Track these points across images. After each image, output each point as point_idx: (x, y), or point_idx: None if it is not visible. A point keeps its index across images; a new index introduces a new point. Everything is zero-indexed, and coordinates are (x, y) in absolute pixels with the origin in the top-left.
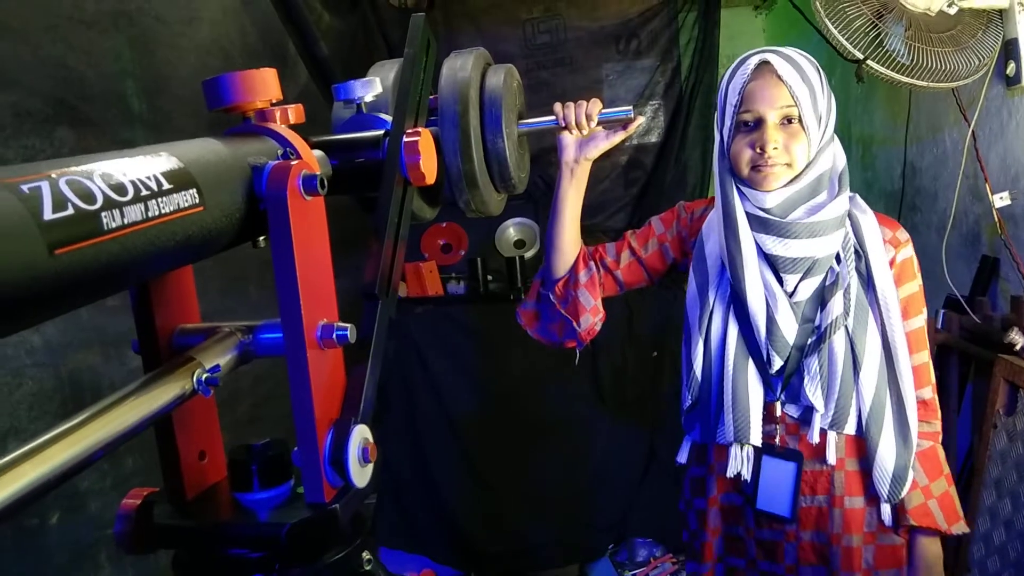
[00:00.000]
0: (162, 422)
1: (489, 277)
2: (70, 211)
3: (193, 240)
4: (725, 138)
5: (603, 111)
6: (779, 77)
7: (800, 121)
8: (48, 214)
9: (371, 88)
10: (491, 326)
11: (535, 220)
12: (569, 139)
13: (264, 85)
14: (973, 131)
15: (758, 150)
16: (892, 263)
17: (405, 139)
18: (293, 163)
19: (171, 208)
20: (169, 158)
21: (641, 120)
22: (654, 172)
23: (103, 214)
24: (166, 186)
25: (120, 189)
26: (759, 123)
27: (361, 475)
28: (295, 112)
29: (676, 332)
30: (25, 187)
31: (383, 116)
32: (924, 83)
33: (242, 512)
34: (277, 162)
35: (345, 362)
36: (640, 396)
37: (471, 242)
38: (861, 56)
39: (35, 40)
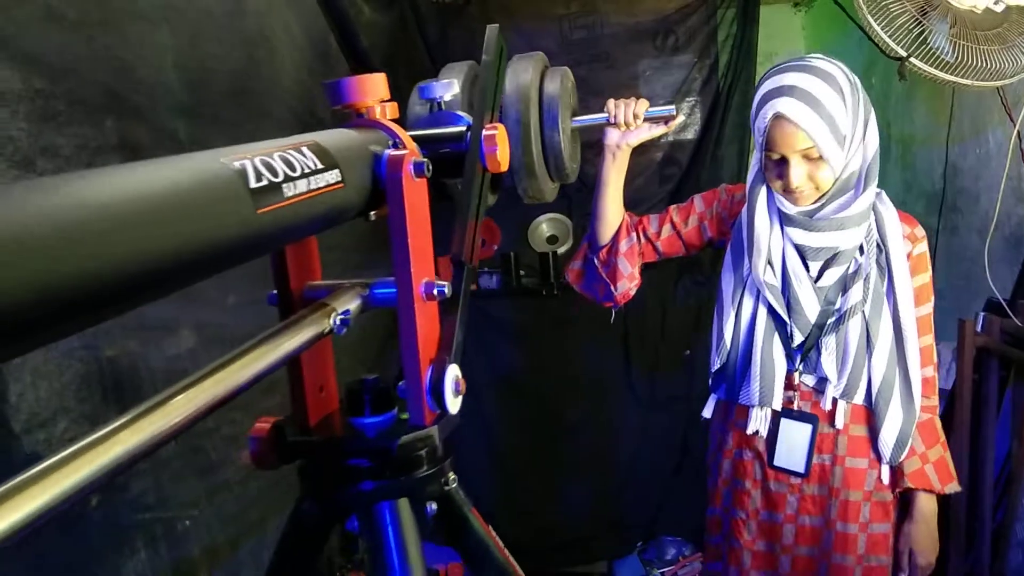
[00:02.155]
0: (293, 360)
1: (522, 272)
2: (265, 182)
3: (334, 211)
4: (759, 159)
5: (649, 109)
6: (794, 124)
7: (821, 153)
8: (252, 183)
9: (451, 89)
10: (524, 321)
11: (568, 216)
12: (615, 131)
13: (374, 87)
14: (1018, 131)
15: (785, 180)
16: (909, 256)
17: (484, 132)
18: (404, 152)
19: (323, 183)
20: (319, 144)
21: (681, 118)
22: (689, 169)
23: (284, 185)
24: (319, 166)
25: (291, 167)
26: (784, 160)
27: (454, 404)
28: (392, 109)
29: (709, 331)
30: (236, 164)
31: (460, 113)
32: (969, 81)
33: (357, 432)
34: (393, 151)
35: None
36: (673, 395)
37: (504, 237)
38: (904, 54)
39: (89, 32)
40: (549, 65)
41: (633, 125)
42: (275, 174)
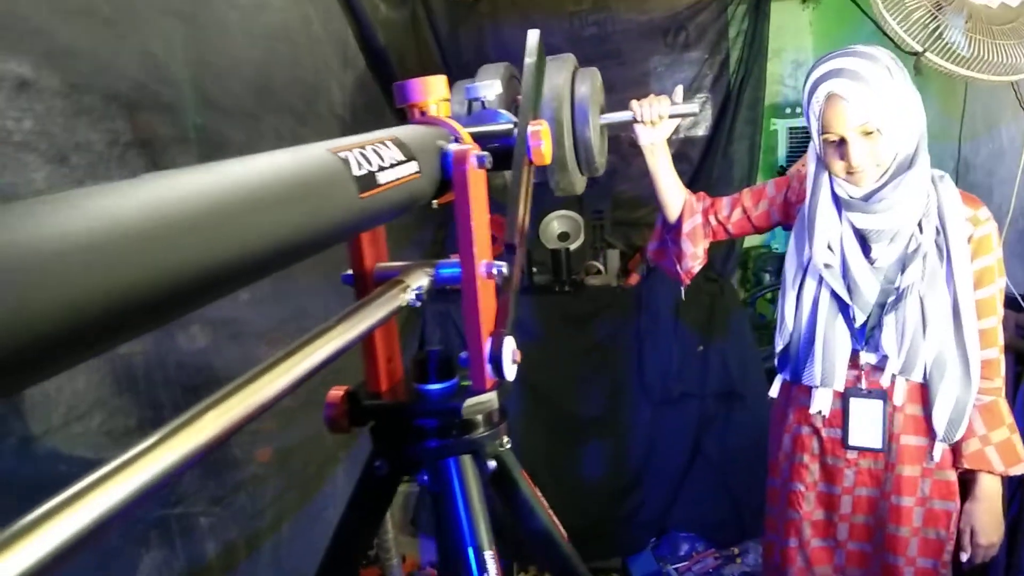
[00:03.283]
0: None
1: (535, 269)
2: (364, 171)
3: (412, 197)
4: (818, 145)
5: (672, 106)
6: (848, 101)
7: (879, 129)
8: (355, 171)
9: (495, 89)
10: (536, 317)
11: (579, 213)
12: (643, 128)
13: (435, 88)
14: None
15: (847, 162)
16: (970, 239)
17: (531, 129)
18: (468, 147)
19: (405, 173)
20: (399, 139)
21: (694, 107)
22: (701, 165)
23: (378, 174)
24: (402, 158)
25: (382, 158)
26: (843, 141)
27: (510, 372)
28: (446, 107)
29: (723, 327)
30: (342, 154)
31: (500, 111)
32: (984, 76)
33: (424, 397)
34: (458, 146)
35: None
36: (686, 392)
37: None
38: (920, 49)
39: (123, 28)
40: (579, 67)
41: (658, 123)
42: (371, 164)
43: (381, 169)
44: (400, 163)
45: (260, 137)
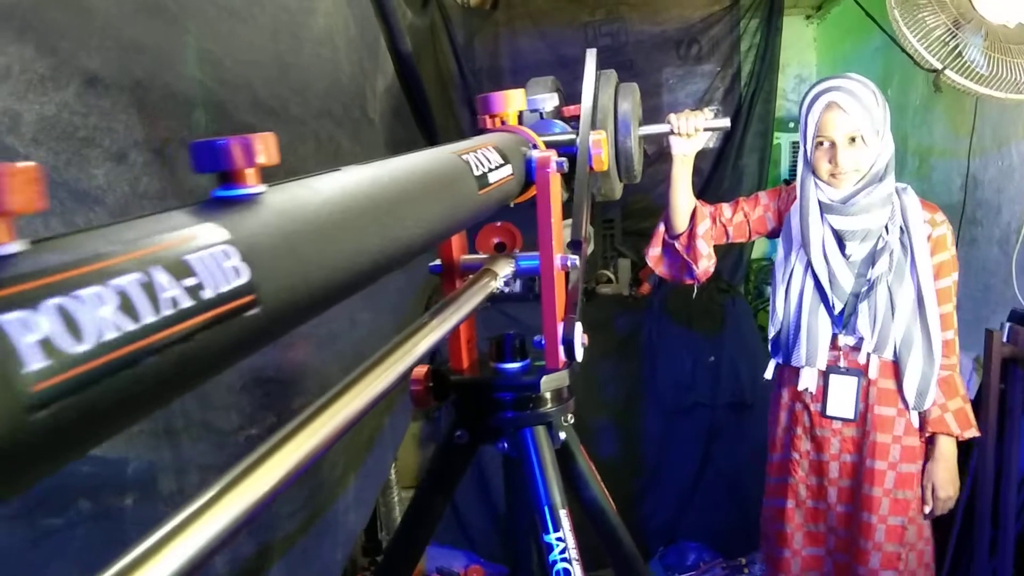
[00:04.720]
0: None
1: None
2: (480, 171)
3: (506, 196)
4: (808, 150)
5: (706, 120)
6: (843, 110)
7: (863, 139)
8: (475, 171)
9: (553, 102)
10: None
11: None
12: (679, 140)
13: (515, 101)
14: None
15: (834, 164)
16: (929, 237)
17: (592, 137)
18: (549, 153)
19: (505, 175)
20: (496, 145)
21: (727, 123)
22: (711, 177)
23: (488, 174)
24: (501, 162)
25: (489, 161)
26: (833, 144)
27: (580, 353)
28: (516, 117)
29: (734, 337)
30: (463, 157)
31: (554, 121)
32: (1002, 94)
33: (502, 374)
34: (539, 152)
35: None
36: (697, 402)
37: (525, 241)
38: (940, 66)
39: (186, 26)
40: (619, 82)
41: (693, 135)
42: (483, 166)
43: (490, 171)
44: (501, 166)
45: (301, 141)
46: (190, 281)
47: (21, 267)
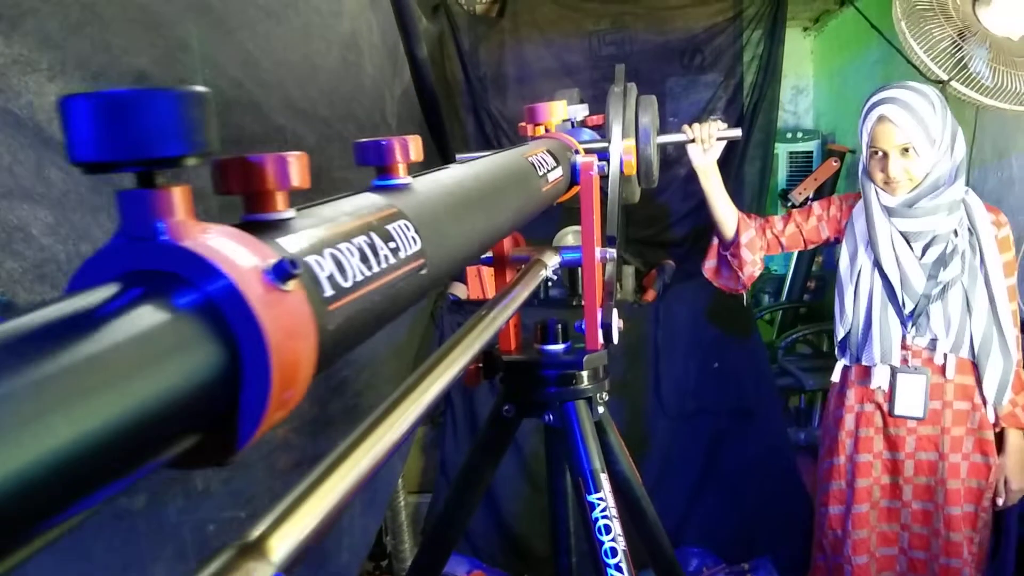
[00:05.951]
0: None
1: (549, 283)
2: (542, 172)
3: (556, 195)
4: (865, 158)
5: (720, 130)
6: (894, 123)
7: (915, 150)
8: (539, 172)
9: (583, 112)
10: None
11: None
12: (696, 149)
13: (558, 111)
14: None
15: (886, 173)
16: (995, 238)
17: (624, 144)
18: (591, 158)
19: (557, 175)
20: (549, 150)
21: (738, 132)
22: None
23: (547, 174)
24: (554, 164)
25: (546, 163)
26: (885, 155)
27: (615, 336)
28: (552, 126)
29: (738, 344)
30: (529, 159)
31: (583, 128)
32: (1008, 106)
33: (548, 355)
34: (583, 157)
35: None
36: (701, 407)
37: (526, 242)
38: (946, 77)
39: (230, 26)
40: (639, 94)
41: (708, 144)
42: (543, 167)
43: (548, 171)
44: (553, 168)
45: (328, 142)
46: (392, 244)
47: (298, 226)
